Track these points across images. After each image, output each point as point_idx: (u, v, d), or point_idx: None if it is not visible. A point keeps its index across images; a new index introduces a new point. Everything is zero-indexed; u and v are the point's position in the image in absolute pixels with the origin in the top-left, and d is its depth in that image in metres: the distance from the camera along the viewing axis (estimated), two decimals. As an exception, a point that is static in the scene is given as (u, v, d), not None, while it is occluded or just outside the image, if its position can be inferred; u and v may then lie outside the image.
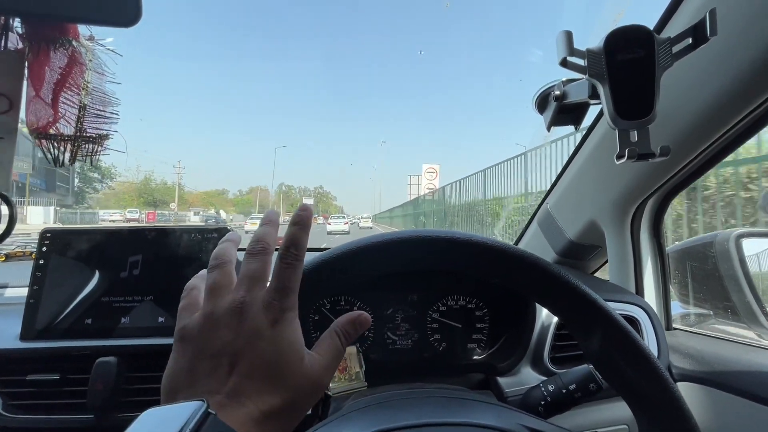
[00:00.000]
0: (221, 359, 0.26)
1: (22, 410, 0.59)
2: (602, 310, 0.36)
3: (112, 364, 0.58)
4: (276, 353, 0.27)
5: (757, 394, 0.58)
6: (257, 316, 0.27)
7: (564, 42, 0.40)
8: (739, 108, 0.46)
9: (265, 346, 0.27)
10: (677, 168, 0.58)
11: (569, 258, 0.96)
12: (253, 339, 0.27)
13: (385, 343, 0.74)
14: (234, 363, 0.26)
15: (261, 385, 0.26)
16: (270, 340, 0.27)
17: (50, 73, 0.45)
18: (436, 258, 0.38)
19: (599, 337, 0.38)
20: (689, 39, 0.39)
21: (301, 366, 0.28)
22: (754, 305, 0.71)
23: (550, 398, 0.51)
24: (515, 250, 0.37)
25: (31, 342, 0.61)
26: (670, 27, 0.49)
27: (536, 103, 0.66)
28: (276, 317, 0.28)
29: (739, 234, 0.74)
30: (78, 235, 0.66)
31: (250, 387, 0.26)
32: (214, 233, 0.68)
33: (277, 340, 0.27)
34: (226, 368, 0.26)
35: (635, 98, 0.40)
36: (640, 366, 0.36)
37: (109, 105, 0.47)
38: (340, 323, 0.32)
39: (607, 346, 0.37)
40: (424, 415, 0.40)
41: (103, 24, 0.44)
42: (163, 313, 0.64)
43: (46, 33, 0.45)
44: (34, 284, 0.63)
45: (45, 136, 0.43)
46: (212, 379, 0.26)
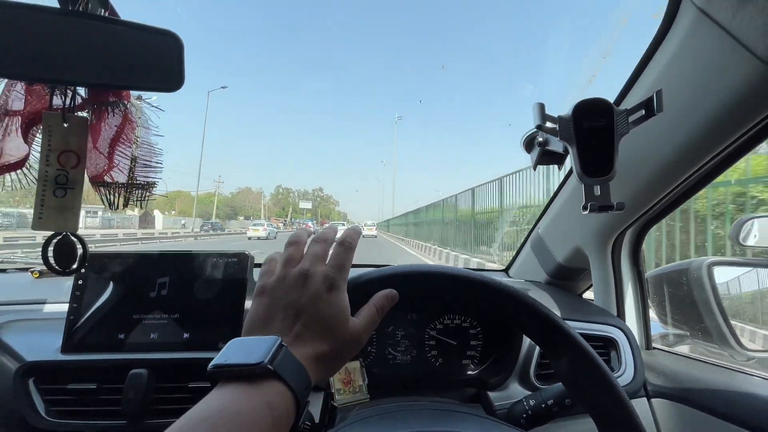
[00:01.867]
0: (289, 311, 0.35)
1: (62, 415, 0.66)
2: (569, 335, 0.42)
3: (144, 376, 0.66)
4: (330, 312, 0.36)
5: (724, 413, 0.64)
6: (318, 283, 0.36)
7: (538, 112, 0.48)
8: (687, 165, 0.53)
9: (323, 306, 0.35)
10: (642, 210, 0.65)
11: (559, 279, 1.02)
12: (315, 299, 0.35)
13: (386, 358, 0.81)
14: (298, 315, 0.35)
15: (317, 335, 0.35)
16: (326, 302, 0.36)
17: (107, 131, 0.53)
18: (429, 288, 0.45)
19: (567, 359, 0.44)
20: (642, 111, 0.46)
21: (347, 325, 0.36)
22: (724, 329, 0.77)
23: (531, 411, 0.58)
24: (495, 283, 0.43)
25: (71, 354, 0.68)
26: (629, 98, 0.57)
27: (524, 144, 0.73)
28: (331, 285, 0.36)
29: (711, 262, 0.81)
30: (113, 258, 0.74)
31: (309, 335, 0.34)
32: (233, 257, 0.76)
33: (331, 303, 0.36)
34: (292, 318, 0.35)
35: (598, 159, 0.47)
36: (602, 387, 0.42)
37: (154, 155, 0.55)
38: (376, 298, 0.40)
39: (573, 368, 0.44)
40: (418, 425, 0.47)
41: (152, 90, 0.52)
42: (187, 330, 0.72)
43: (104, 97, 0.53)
44: (73, 302, 0.71)
45: (102, 184, 0.52)
46: (282, 325, 0.35)
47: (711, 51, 0.44)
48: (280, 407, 0.29)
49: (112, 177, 0.53)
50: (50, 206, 0.52)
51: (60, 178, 0.52)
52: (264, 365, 0.29)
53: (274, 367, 0.30)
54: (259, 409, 0.28)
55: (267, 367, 0.29)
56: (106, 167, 0.53)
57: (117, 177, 0.53)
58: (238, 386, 0.29)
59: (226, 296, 0.73)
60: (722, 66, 0.44)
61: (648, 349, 0.85)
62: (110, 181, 0.52)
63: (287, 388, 0.30)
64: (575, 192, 0.82)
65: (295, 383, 0.31)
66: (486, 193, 8.39)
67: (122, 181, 0.52)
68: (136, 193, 0.53)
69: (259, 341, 0.32)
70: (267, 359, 0.30)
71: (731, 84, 0.44)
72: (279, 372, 0.30)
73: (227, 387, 0.30)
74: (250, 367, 0.30)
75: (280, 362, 0.30)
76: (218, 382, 0.31)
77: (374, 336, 0.81)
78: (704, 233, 2.37)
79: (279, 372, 0.30)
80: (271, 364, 0.30)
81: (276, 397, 0.29)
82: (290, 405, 0.30)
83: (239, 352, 0.32)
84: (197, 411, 0.28)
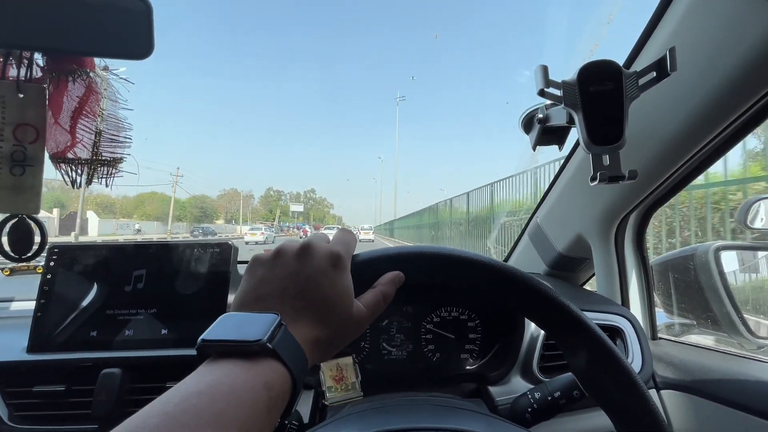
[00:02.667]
0: (288, 284, 0.32)
1: (28, 421, 0.61)
2: (588, 328, 0.38)
3: (117, 376, 0.60)
4: (333, 292, 0.32)
5: (737, 402, 0.61)
6: (322, 258, 0.33)
7: (541, 75, 0.44)
8: (703, 134, 0.50)
9: (326, 283, 0.32)
10: (652, 187, 0.62)
11: (559, 270, 0.99)
12: (318, 274, 0.32)
13: (380, 353, 0.77)
14: (299, 292, 0.32)
15: (317, 315, 0.32)
16: (330, 280, 0.33)
17: (68, 102, 0.48)
18: (431, 273, 0.41)
19: (584, 352, 0.40)
20: (653, 73, 0.43)
21: (350, 308, 0.33)
22: (733, 315, 0.74)
23: (536, 405, 0.54)
24: (508, 268, 0.39)
25: (38, 354, 0.63)
26: (638, 61, 0.53)
27: (522, 123, 0.70)
28: (336, 263, 0.33)
29: (718, 247, 0.78)
30: (84, 251, 0.69)
31: (308, 314, 0.31)
32: (216, 248, 0.71)
33: (335, 282, 0.33)
34: (291, 292, 0.32)
35: (606, 126, 0.44)
36: (622, 382, 0.38)
37: (122, 130, 0.50)
38: (381, 282, 0.37)
39: (591, 362, 0.40)
40: (417, 420, 0.42)
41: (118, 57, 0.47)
42: (165, 326, 0.67)
43: (65, 66, 0.48)
44: (41, 298, 0.66)
45: (64, 160, 0.47)
46: (279, 300, 0.31)
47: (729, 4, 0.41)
48: (278, 388, 0.27)
49: (75, 153, 0.48)
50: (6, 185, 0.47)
51: (17, 154, 0.47)
52: (263, 343, 0.27)
53: (273, 346, 0.27)
54: (257, 388, 0.25)
55: (266, 346, 0.27)
56: (69, 143, 0.49)
57: (80, 153, 0.48)
58: (233, 363, 0.26)
59: (207, 289, 0.68)
60: (742, 20, 0.40)
61: (654, 339, 0.82)
62: (73, 158, 0.48)
63: (286, 369, 0.28)
64: (576, 176, 0.78)
65: (294, 364, 0.28)
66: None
67: (85, 157, 0.47)
68: (100, 170, 0.48)
69: (256, 318, 0.29)
70: (266, 337, 0.27)
71: (752, 40, 0.40)
72: (278, 351, 0.27)
73: (220, 362, 0.26)
74: (247, 345, 0.27)
75: (279, 342, 0.28)
76: (207, 358, 0.27)
77: (367, 330, 0.77)
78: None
79: (278, 351, 0.27)
80: (270, 342, 0.27)
81: (274, 378, 0.27)
82: (287, 387, 0.28)
83: (234, 328, 0.28)
84: (185, 386, 0.24)
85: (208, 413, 0.22)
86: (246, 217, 77.12)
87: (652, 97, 0.46)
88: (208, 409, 0.23)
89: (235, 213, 75.27)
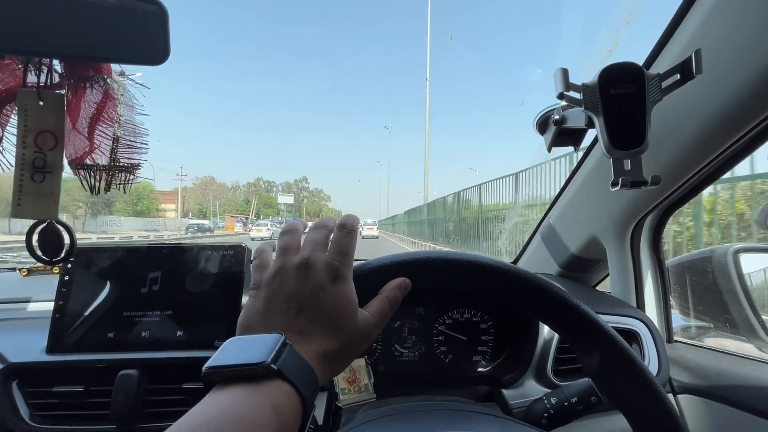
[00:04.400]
0: (291, 304, 0.31)
1: (48, 420, 0.62)
2: (602, 330, 0.38)
3: (134, 377, 0.61)
4: (335, 305, 0.32)
5: (756, 408, 0.60)
6: (321, 273, 0.33)
7: (561, 78, 0.43)
8: (726, 136, 0.49)
9: (327, 298, 0.32)
10: (672, 189, 0.61)
11: (571, 271, 0.98)
12: (317, 291, 0.32)
13: (392, 355, 0.77)
14: (301, 308, 0.31)
15: (323, 330, 0.31)
16: (331, 293, 0.32)
17: (86, 108, 0.48)
18: (439, 280, 0.41)
19: (599, 355, 0.40)
20: (677, 75, 0.42)
21: (355, 319, 0.33)
22: (752, 319, 0.73)
23: (552, 410, 0.53)
24: (518, 271, 0.39)
25: (57, 355, 0.64)
26: (659, 62, 0.52)
27: (537, 125, 0.69)
28: (335, 275, 0.33)
29: (737, 249, 0.76)
30: (101, 252, 0.70)
31: (314, 330, 0.31)
32: (229, 250, 0.71)
33: (336, 295, 0.32)
34: (294, 311, 0.31)
35: (628, 130, 0.43)
36: (638, 384, 0.38)
37: (139, 136, 0.50)
38: (387, 289, 0.37)
39: (606, 364, 0.39)
40: (433, 427, 0.42)
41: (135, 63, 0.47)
42: (181, 327, 0.67)
43: (82, 72, 0.48)
44: (59, 299, 0.67)
45: (82, 167, 0.47)
46: (284, 319, 0.31)
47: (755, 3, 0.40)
48: (287, 410, 0.26)
49: (93, 159, 0.48)
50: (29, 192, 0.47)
51: (37, 161, 0.47)
52: (267, 364, 0.26)
53: (278, 366, 0.27)
54: (264, 412, 0.25)
55: (270, 367, 0.26)
56: (87, 149, 0.49)
57: (98, 159, 0.48)
58: (239, 388, 0.26)
59: (222, 291, 0.69)
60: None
61: (669, 342, 0.80)
62: (91, 164, 0.48)
63: (294, 390, 0.27)
64: (591, 177, 0.77)
65: (302, 384, 0.28)
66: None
67: (104, 164, 0.48)
68: (119, 176, 0.48)
69: (259, 339, 0.29)
70: (270, 358, 0.27)
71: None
72: (284, 372, 0.27)
73: (226, 389, 0.26)
74: (251, 368, 0.26)
75: (284, 361, 0.27)
76: (214, 386, 0.27)
77: (380, 332, 0.77)
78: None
79: (284, 372, 0.27)
80: (275, 363, 0.27)
81: (282, 399, 0.26)
82: (297, 408, 0.27)
83: (238, 351, 0.28)
84: (193, 416, 0.24)
85: None
86: (219, 210, 67.53)
87: (672, 98, 0.45)
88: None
89: (204, 205, 66.12)
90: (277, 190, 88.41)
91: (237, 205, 74.56)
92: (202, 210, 64.68)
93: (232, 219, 55.86)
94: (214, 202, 68.46)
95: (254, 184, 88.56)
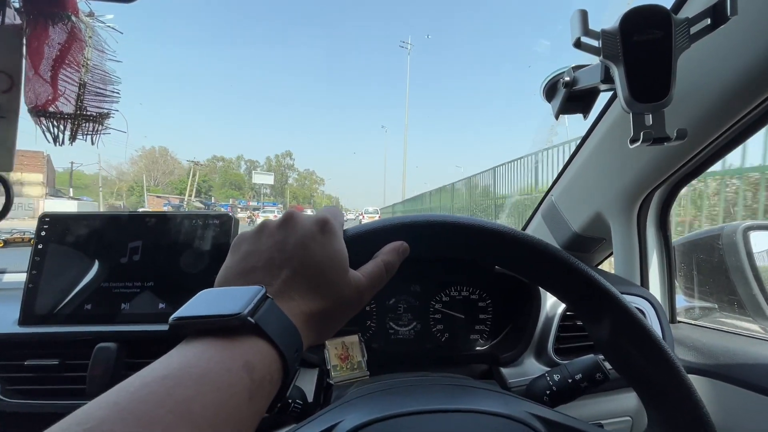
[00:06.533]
0: (274, 255, 0.29)
1: (20, 395, 0.58)
2: (612, 295, 0.36)
3: (112, 350, 0.58)
4: (324, 256, 0.29)
5: (763, 387, 0.58)
6: (308, 224, 0.30)
7: (579, 21, 0.39)
8: (756, 93, 0.45)
9: (315, 248, 0.29)
10: (691, 154, 0.57)
11: (574, 250, 0.95)
12: (305, 240, 0.29)
13: (387, 333, 0.74)
14: (286, 260, 0.28)
15: (309, 285, 0.28)
16: (320, 243, 0.29)
17: (49, 50, 0.43)
18: (447, 244, 0.37)
19: (609, 324, 0.37)
20: (708, 20, 0.38)
21: (345, 276, 0.30)
22: (760, 298, 0.70)
23: (555, 387, 0.50)
24: (526, 236, 0.36)
25: (30, 327, 0.60)
26: (688, 6, 0.48)
27: (544, 90, 0.64)
28: (324, 227, 0.30)
29: (747, 227, 0.73)
30: (77, 220, 0.65)
31: (299, 284, 0.28)
32: (215, 219, 0.67)
33: (325, 245, 0.29)
34: (278, 262, 0.28)
35: (651, 80, 0.39)
36: (651, 354, 0.35)
37: (109, 83, 0.46)
38: (384, 252, 0.34)
39: (617, 333, 0.37)
40: (430, 401, 0.39)
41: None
42: (163, 300, 0.63)
43: (44, 7, 0.43)
44: (32, 269, 0.62)
45: (44, 114, 0.42)
46: (265, 271, 0.28)
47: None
48: (262, 370, 0.23)
49: (57, 107, 0.44)
50: (-25, 138, 0.42)
51: (-10, 105, 0.42)
52: (243, 317, 0.23)
53: (255, 320, 0.23)
54: (234, 369, 0.22)
55: (247, 320, 0.23)
56: (50, 96, 0.44)
57: (62, 107, 0.44)
58: (209, 341, 0.23)
59: (207, 263, 0.65)
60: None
61: (673, 322, 0.78)
62: (54, 111, 0.43)
63: (272, 347, 0.24)
64: (599, 148, 0.73)
65: (283, 342, 0.24)
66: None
67: (69, 112, 0.43)
68: (85, 126, 0.44)
69: (236, 291, 0.26)
70: (247, 311, 0.23)
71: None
72: (262, 326, 0.24)
73: (194, 342, 0.23)
74: (224, 319, 0.23)
75: (263, 315, 0.24)
76: (183, 338, 0.24)
77: (374, 309, 0.74)
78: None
79: (262, 326, 0.24)
80: (252, 316, 0.23)
81: (257, 357, 0.23)
82: (275, 369, 0.24)
83: (211, 302, 0.25)
84: (150, 370, 0.21)
85: (171, 401, 0.19)
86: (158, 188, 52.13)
87: (697, 48, 0.41)
88: (171, 396, 0.19)
89: (135, 186, 49.12)
90: (263, 169, 69.12)
91: (175, 184, 54.48)
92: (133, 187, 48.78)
93: (158, 201, 42.82)
94: (164, 179, 55.52)
95: (223, 162, 67.33)
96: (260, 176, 60.96)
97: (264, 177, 60.92)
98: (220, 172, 67.75)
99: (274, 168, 71.11)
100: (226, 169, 69.01)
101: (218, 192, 63.23)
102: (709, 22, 0.38)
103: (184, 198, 42.25)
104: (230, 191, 63.82)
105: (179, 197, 45.40)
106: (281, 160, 73.30)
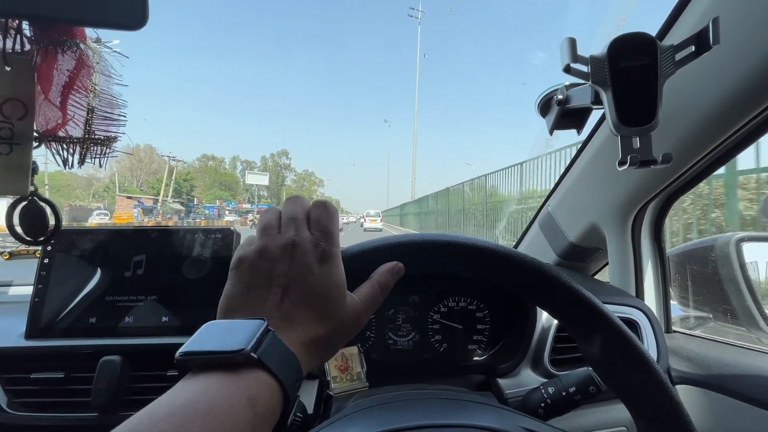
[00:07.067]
0: (274, 287, 0.29)
1: (26, 408, 0.60)
2: (603, 314, 0.37)
3: (117, 363, 0.59)
4: (323, 287, 0.30)
5: (756, 398, 0.59)
6: (307, 253, 0.30)
7: (568, 49, 0.40)
8: (740, 114, 0.46)
9: (314, 281, 0.30)
10: (679, 172, 0.58)
11: (570, 260, 0.96)
12: (304, 272, 0.30)
13: (386, 343, 0.75)
14: (286, 292, 0.29)
15: (309, 314, 0.29)
16: (318, 275, 0.30)
17: (58, 76, 0.45)
18: (434, 263, 0.39)
19: (599, 341, 0.38)
20: (692, 47, 0.39)
21: (343, 303, 0.31)
22: (753, 309, 0.71)
23: (550, 400, 0.52)
24: (517, 254, 0.37)
25: (36, 340, 0.61)
26: (672, 34, 0.49)
27: (539, 106, 0.66)
28: (323, 256, 0.31)
29: (740, 238, 0.74)
30: (83, 235, 0.67)
31: (299, 314, 0.29)
32: (217, 233, 0.69)
33: (324, 277, 0.30)
34: (279, 295, 0.29)
35: (638, 105, 0.40)
36: (640, 370, 0.36)
37: (116, 107, 0.47)
38: (379, 273, 0.35)
39: (607, 350, 0.38)
40: (426, 416, 0.40)
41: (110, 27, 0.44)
42: (166, 313, 0.65)
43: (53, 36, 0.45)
44: (39, 283, 0.64)
45: (54, 139, 0.44)
46: (267, 304, 0.29)
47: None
48: (265, 403, 0.24)
49: (67, 131, 0.45)
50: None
51: (4, 131, 0.44)
52: (246, 353, 0.24)
53: (258, 355, 0.24)
54: (238, 404, 0.23)
55: (250, 356, 0.24)
56: (60, 120, 0.45)
57: (72, 131, 0.45)
58: (213, 377, 0.24)
59: (209, 276, 0.66)
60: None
61: (668, 332, 0.79)
62: (64, 136, 0.45)
63: (274, 380, 0.25)
64: (594, 161, 0.75)
65: (284, 374, 0.26)
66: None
67: (78, 136, 0.44)
68: (94, 149, 0.45)
69: (239, 324, 0.26)
70: (250, 346, 0.24)
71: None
72: (264, 361, 0.25)
73: (199, 377, 0.24)
74: (228, 355, 0.24)
75: (265, 350, 0.25)
76: (188, 372, 0.25)
77: (373, 320, 0.75)
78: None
79: (264, 361, 0.25)
80: (255, 351, 0.24)
81: (260, 391, 0.24)
82: (277, 400, 0.25)
83: (216, 337, 0.26)
84: (158, 405, 0.22)
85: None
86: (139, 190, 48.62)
87: (683, 73, 0.42)
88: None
89: (111, 185, 46.72)
90: (258, 170, 64.79)
91: (151, 184, 51.39)
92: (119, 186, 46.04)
93: (128, 202, 37.50)
94: (149, 178, 52.80)
95: (211, 162, 62.41)
96: (254, 176, 58.32)
97: (258, 177, 58.37)
98: (209, 172, 64.20)
99: (269, 168, 67.77)
100: (216, 169, 65.64)
101: (206, 193, 59.57)
102: (693, 49, 0.39)
103: (159, 199, 39.83)
104: (219, 192, 60.29)
105: (153, 198, 42.25)
106: (277, 160, 70.08)
